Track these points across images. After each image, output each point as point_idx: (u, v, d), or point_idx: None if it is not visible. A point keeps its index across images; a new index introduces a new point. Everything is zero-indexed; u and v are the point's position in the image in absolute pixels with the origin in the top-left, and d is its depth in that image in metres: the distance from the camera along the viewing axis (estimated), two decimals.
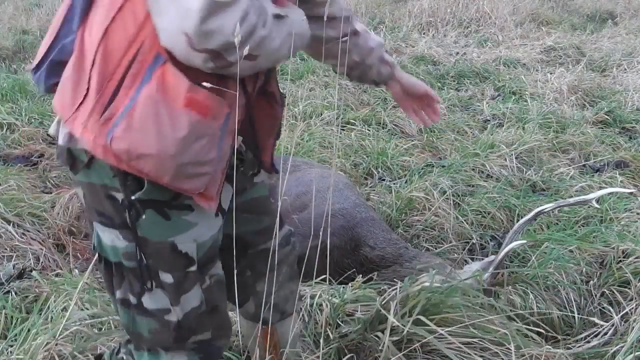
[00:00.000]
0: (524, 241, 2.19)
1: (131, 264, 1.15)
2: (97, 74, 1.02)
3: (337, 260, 2.11)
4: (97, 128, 1.02)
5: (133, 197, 1.08)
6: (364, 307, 1.95)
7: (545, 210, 2.09)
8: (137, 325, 1.21)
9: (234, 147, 1.16)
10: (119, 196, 1.10)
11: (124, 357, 1.33)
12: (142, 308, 1.18)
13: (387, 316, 1.68)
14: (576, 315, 2.08)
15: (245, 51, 0.97)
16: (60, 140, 1.12)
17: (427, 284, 1.79)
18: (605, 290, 2.19)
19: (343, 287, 2.10)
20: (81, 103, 1.04)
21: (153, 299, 1.18)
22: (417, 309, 1.71)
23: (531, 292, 2.12)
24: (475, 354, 1.70)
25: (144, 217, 1.11)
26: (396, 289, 1.80)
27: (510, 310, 1.96)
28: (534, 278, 2.20)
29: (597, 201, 2.19)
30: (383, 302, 1.78)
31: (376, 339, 1.73)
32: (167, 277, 1.16)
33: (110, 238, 1.15)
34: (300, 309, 1.89)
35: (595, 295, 2.20)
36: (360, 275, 2.23)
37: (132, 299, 1.18)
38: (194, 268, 1.18)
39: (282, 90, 1.28)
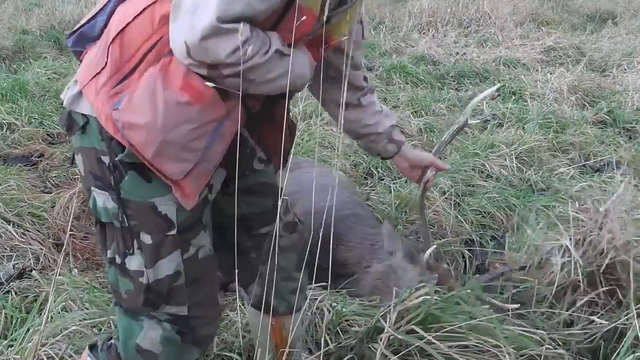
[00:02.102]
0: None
1: (119, 224, 1.22)
2: (117, 55, 1.15)
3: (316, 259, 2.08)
4: (105, 98, 1.14)
5: (117, 159, 1.16)
6: (366, 320, 1.94)
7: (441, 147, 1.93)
8: (119, 284, 1.28)
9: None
10: (106, 159, 1.19)
11: (113, 342, 1.39)
12: (124, 268, 1.25)
13: (384, 325, 1.68)
14: (576, 314, 2.07)
15: (233, 71, 1.08)
16: (65, 103, 1.24)
17: (427, 296, 1.77)
18: (605, 289, 2.18)
19: (349, 298, 2.10)
20: (98, 73, 1.17)
21: (133, 261, 1.24)
22: (418, 318, 1.70)
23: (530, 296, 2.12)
24: (474, 355, 1.70)
25: (126, 178, 1.18)
26: (392, 304, 1.78)
27: (509, 310, 1.96)
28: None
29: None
30: (381, 314, 1.77)
31: (373, 350, 1.73)
32: (146, 238, 1.22)
33: (102, 200, 1.22)
34: (305, 307, 1.88)
35: (596, 294, 2.19)
36: (379, 298, 2.16)
37: (118, 259, 1.25)
38: (173, 232, 1.22)
39: (294, 121, 1.36)
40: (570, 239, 2.01)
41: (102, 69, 1.16)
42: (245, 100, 1.17)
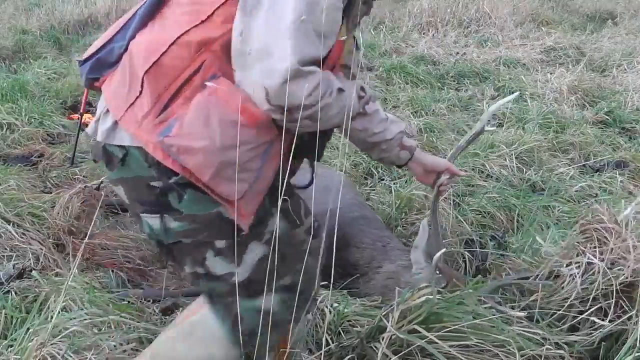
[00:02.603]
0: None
1: (188, 240, 1.25)
2: (155, 84, 1.17)
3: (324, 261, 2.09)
4: (151, 127, 1.17)
5: (171, 181, 1.19)
6: (367, 320, 1.94)
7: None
8: (215, 290, 1.31)
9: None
10: (157, 184, 1.21)
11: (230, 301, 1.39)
12: (211, 275, 1.28)
13: (387, 325, 1.67)
14: (576, 314, 2.07)
15: (310, 112, 1.15)
16: (99, 137, 1.25)
17: (430, 296, 1.77)
18: (606, 288, 2.18)
19: (351, 298, 2.09)
20: (132, 103, 1.19)
21: (217, 266, 1.27)
22: (420, 318, 1.70)
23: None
24: (475, 355, 1.70)
25: (185, 197, 1.21)
26: (394, 304, 1.78)
27: (510, 309, 1.96)
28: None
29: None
30: (384, 313, 1.77)
31: (374, 349, 1.72)
32: (221, 244, 1.26)
33: (158, 222, 1.24)
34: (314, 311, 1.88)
35: (596, 294, 2.19)
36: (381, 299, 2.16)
37: (200, 270, 1.29)
38: (244, 232, 1.25)
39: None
40: (601, 260, 1.97)
41: (137, 98, 1.18)
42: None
